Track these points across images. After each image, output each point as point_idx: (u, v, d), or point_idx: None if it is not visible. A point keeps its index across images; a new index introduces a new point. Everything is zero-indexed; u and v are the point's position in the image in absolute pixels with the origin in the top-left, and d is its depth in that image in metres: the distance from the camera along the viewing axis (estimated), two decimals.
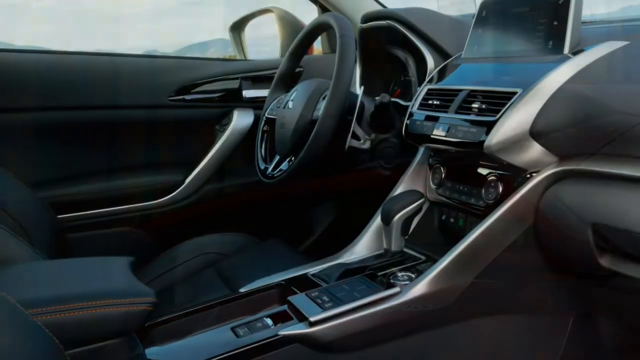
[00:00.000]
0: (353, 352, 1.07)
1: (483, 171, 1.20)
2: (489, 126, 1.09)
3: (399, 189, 1.35)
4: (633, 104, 0.94)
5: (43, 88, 1.76)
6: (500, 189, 1.14)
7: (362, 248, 1.32)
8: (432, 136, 1.23)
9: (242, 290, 1.21)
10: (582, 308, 1.24)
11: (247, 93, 1.98)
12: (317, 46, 2.18)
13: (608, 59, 1.07)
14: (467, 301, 1.11)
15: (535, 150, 1.08)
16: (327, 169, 1.63)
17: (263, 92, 1.88)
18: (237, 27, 2.35)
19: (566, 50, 1.11)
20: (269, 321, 1.07)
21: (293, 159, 1.47)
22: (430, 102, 1.30)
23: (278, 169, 1.54)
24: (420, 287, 1.07)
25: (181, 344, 1.05)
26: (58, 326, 0.78)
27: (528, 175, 1.10)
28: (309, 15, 2.09)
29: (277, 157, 1.58)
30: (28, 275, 0.96)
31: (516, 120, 1.06)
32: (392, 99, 1.49)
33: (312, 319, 1.01)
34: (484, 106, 1.14)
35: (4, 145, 1.68)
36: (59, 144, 1.82)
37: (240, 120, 1.95)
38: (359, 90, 1.52)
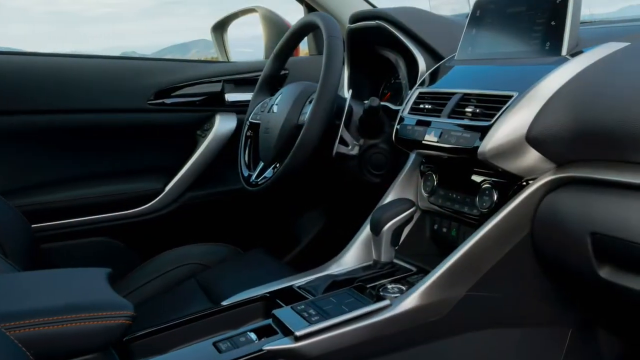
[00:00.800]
0: None
1: (477, 178, 1.18)
2: (483, 131, 1.06)
3: (389, 197, 1.33)
4: (633, 108, 0.91)
5: (14, 91, 1.74)
6: (495, 197, 1.12)
7: (350, 259, 1.29)
8: (423, 142, 1.21)
9: (224, 303, 1.17)
10: (581, 320, 1.22)
11: (230, 96, 1.96)
12: (304, 47, 2.17)
13: (608, 60, 1.05)
14: (460, 314, 1.08)
15: (531, 157, 1.05)
16: (313, 176, 1.61)
17: (246, 96, 1.87)
18: (220, 28, 2.34)
19: (564, 51, 1.09)
20: (253, 335, 1.03)
21: (278, 165, 1.44)
22: (421, 106, 1.27)
23: (262, 176, 1.51)
24: (411, 300, 1.04)
25: None
26: (32, 341, 0.78)
27: (524, 183, 1.08)
28: (294, 15, 2.08)
29: (261, 164, 1.55)
30: (1, 288, 0.93)
31: (512, 125, 1.04)
32: (382, 103, 1.46)
33: (298, 334, 0.98)
34: (478, 110, 1.11)
35: None
36: (32, 150, 1.80)
37: (223, 125, 1.93)
38: (347, 93, 1.50)
